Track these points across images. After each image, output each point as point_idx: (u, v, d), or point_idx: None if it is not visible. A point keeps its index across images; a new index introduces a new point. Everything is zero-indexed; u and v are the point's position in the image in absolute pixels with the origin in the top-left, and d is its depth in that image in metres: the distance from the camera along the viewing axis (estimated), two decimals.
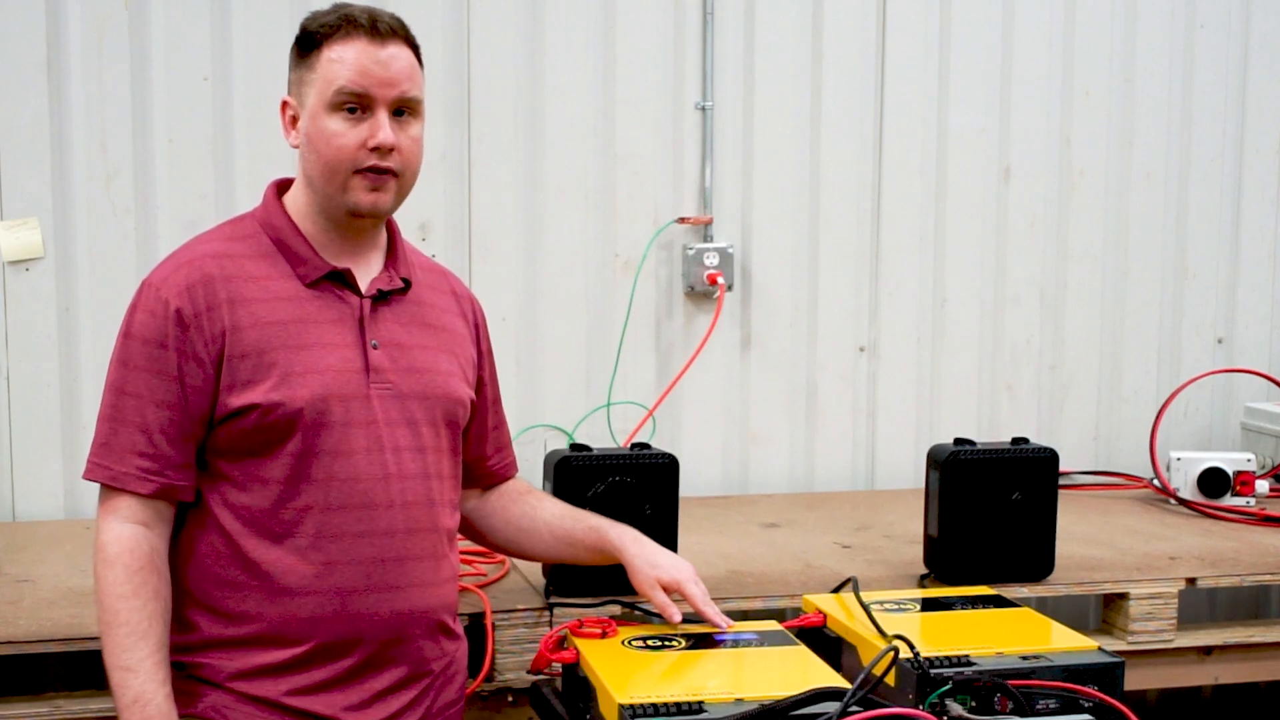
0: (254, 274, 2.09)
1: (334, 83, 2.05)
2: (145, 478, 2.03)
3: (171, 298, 2.04)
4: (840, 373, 3.89)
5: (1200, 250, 4.13)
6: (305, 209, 2.15)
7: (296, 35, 2.12)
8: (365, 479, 2.08)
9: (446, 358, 2.21)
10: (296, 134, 2.12)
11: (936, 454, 2.87)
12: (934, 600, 2.47)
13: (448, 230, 3.57)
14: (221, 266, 2.07)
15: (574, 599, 2.70)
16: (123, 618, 1.98)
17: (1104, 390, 4.09)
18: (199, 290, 2.05)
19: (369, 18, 2.08)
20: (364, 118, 2.06)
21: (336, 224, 2.14)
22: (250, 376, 2.03)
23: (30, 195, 3.31)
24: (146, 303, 2.05)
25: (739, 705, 1.89)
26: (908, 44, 3.86)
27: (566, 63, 3.63)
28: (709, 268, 3.70)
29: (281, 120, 2.15)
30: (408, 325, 2.17)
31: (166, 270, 2.08)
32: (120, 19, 3.33)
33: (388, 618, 2.10)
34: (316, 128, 2.08)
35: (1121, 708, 2.00)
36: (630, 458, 2.74)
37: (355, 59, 2.05)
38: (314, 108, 2.07)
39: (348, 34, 2.06)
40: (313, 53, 2.08)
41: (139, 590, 1.99)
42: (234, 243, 2.12)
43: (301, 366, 2.05)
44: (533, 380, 3.66)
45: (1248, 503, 3.53)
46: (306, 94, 2.09)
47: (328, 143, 2.07)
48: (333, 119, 2.06)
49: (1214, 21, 4.08)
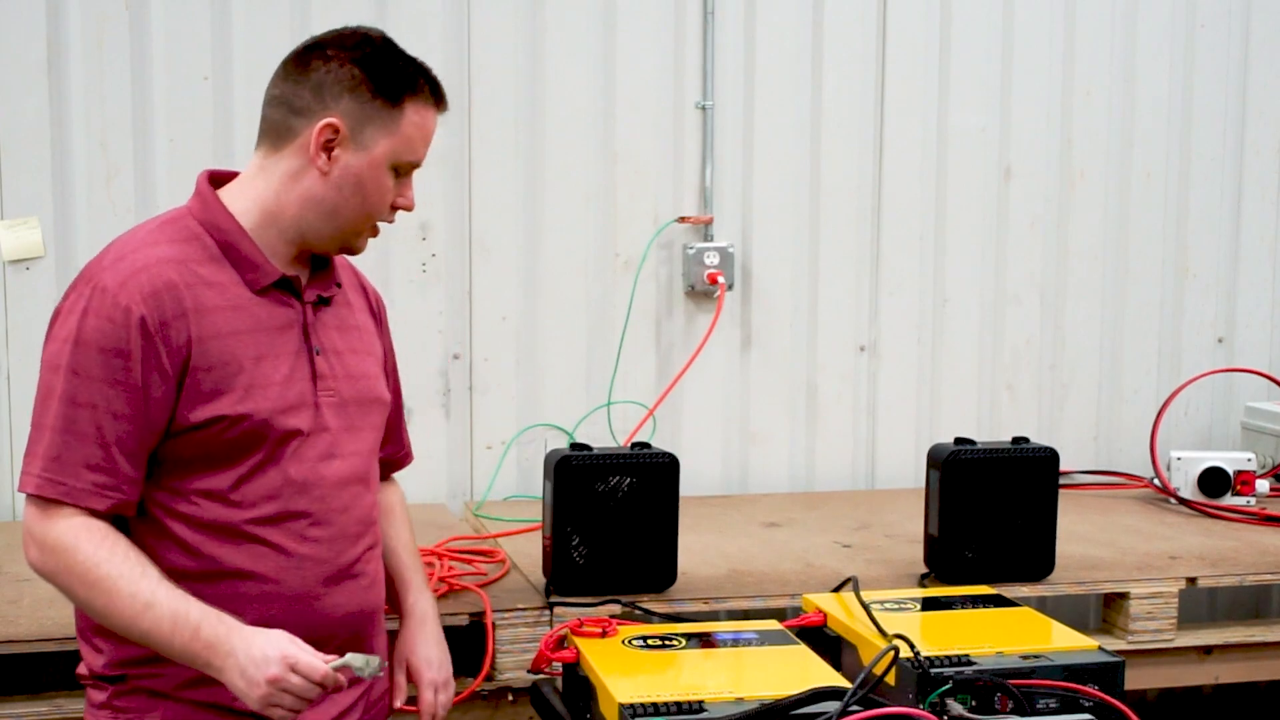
0: (209, 280, 2.00)
1: (410, 148, 2.04)
2: (101, 494, 1.93)
3: (134, 305, 1.92)
4: (840, 372, 3.88)
5: (1200, 250, 4.13)
6: (258, 214, 2.04)
7: (369, 65, 2.02)
8: (321, 486, 2.06)
9: (372, 360, 2.19)
10: (331, 161, 2.02)
11: (937, 453, 2.87)
12: (934, 600, 2.46)
13: (448, 230, 3.57)
14: (180, 272, 1.97)
15: (574, 599, 2.71)
16: (114, 573, 1.89)
17: (1104, 390, 4.08)
18: (164, 298, 1.94)
19: (437, 85, 2.07)
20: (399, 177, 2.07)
21: (296, 242, 2.07)
22: (214, 388, 1.96)
23: (30, 195, 3.31)
24: (102, 308, 1.93)
25: (739, 705, 1.89)
26: (908, 44, 3.86)
27: (567, 62, 3.63)
28: (709, 267, 3.70)
29: (310, 138, 2.01)
30: (339, 330, 2.13)
31: (122, 274, 1.95)
32: (120, 19, 3.34)
33: (344, 618, 2.09)
34: (373, 177, 2.03)
35: (1122, 707, 2.00)
36: (631, 457, 2.74)
37: (428, 130, 2.06)
38: (379, 157, 2.02)
39: (425, 101, 2.05)
40: (395, 105, 2.02)
41: (114, 548, 1.91)
42: (183, 246, 2.01)
43: (262, 378, 2.00)
44: (533, 380, 3.66)
45: (1248, 502, 3.53)
46: (374, 138, 2.02)
47: (380, 196, 2.04)
48: (388, 176, 2.04)
49: (1214, 21, 4.07)
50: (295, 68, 2.06)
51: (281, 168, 2.04)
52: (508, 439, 3.64)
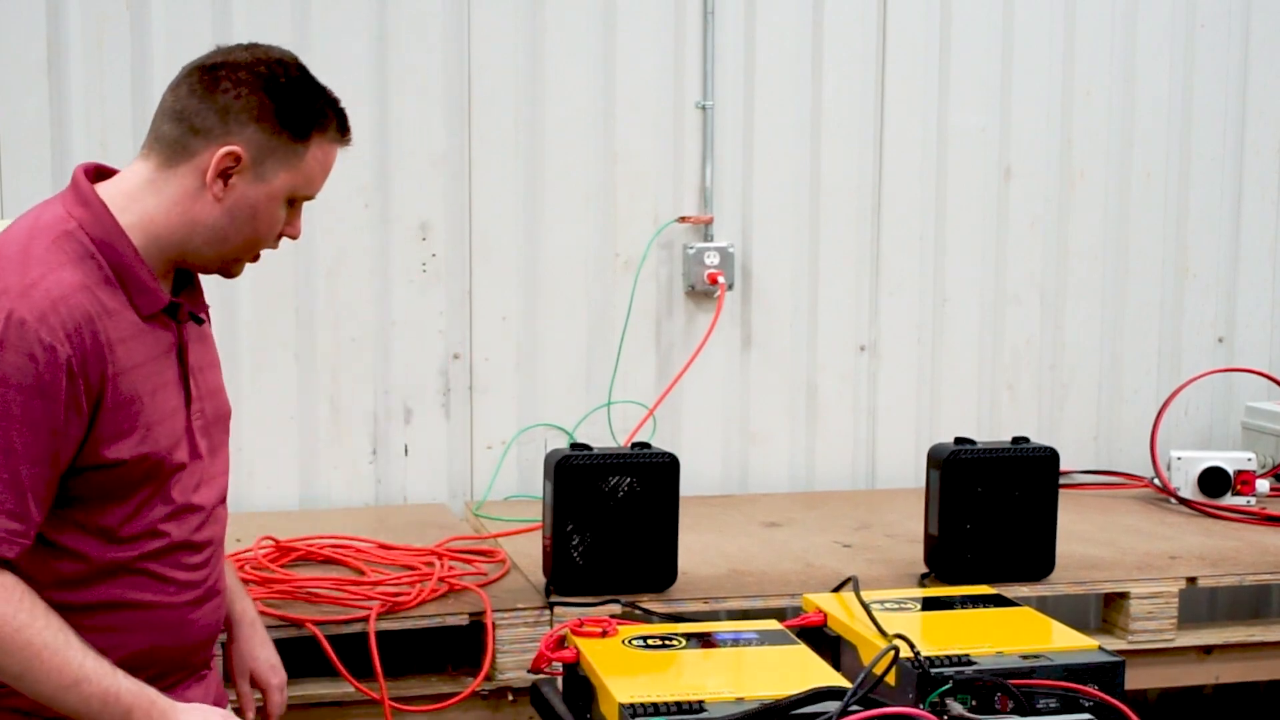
0: (109, 308, 1.89)
1: (309, 185, 2.01)
2: (12, 540, 1.82)
3: (58, 344, 1.81)
4: (841, 372, 3.89)
5: (1200, 250, 4.13)
6: (144, 231, 1.94)
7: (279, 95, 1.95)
8: (197, 514, 2.03)
9: (219, 372, 2.15)
10: (227, 189, 1.95)
11: (937, 453, 2.87)
12: (934, 599, 2.46)
13: (448, 230, 3.57)
14: (90, 301, 1.86)
15: (574, 598, 2.71)
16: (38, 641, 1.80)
17: (1104, 389, 4.08)
18: (84, 333, 1.84)
19: (344, 117, 2.03)
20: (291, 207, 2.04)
21: (175, 260, 2.00)
22: (120, 427, 1.89)
23: (30, 195, 3.29)
24: (22, 344, 1.80)
25: (739, 705, 1.89)
26: (908, 44, 3.86)
27: (567, 62, 3.62)
28: (709, 267, 3.70)
29: (207, 162, 1.93)
30: (199, 342, 2.08)
31: (38, 305, 1.81)
32: (120, 19, 3.34)
33: (209, 634, 2.09)
34: (268, 209, 1.98)
35: (1122, 707, 2.00)
36: (631, 457, 2.74)
37: (329, 165, 2.03)
38: (277, 190, 1.97)
39: (332, 136, 2.01)
40: (301, 140, 1.97)
41: (34, 610, 1.82)
42: (83, 268, 1.88)
43: (158, 414, 1.95)
44: (533, 379, 3.66)
45: (1248, 502, 3.53)
46: (274, 170, 1.96)
47: (270, 227, 2.01)
48: (283, 208, 2.00)
49: (1214, 21, 4.07)
50: (201, 84, 1.95)
51: (173, 186, 1.95)
52: (508, 439, 3.65)
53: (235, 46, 2.01)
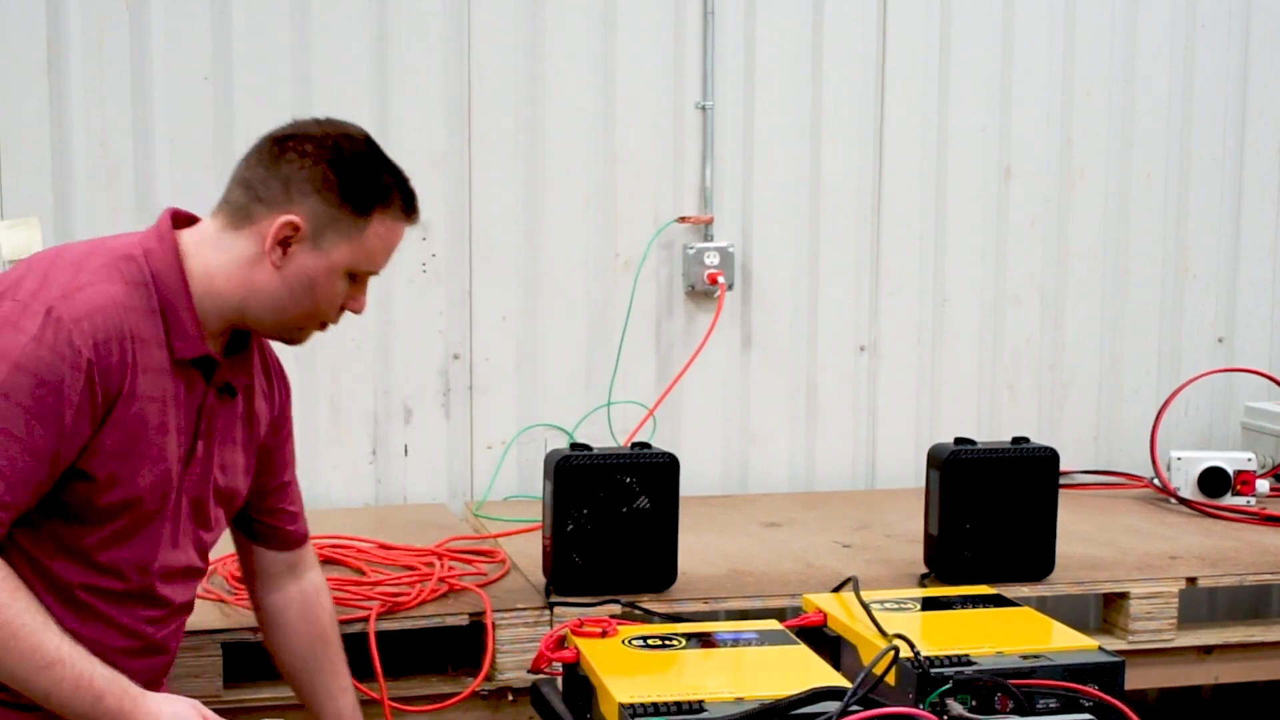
0: (144, 336, 1.93)
1: (371, 261, 2.02)
2: None
3: (84, 347, 1.85)
4: (840, 372, 3.88)
5: (1200, 250, 4.13)
6: (204, 282, 1.98)
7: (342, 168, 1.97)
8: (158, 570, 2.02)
9: (244, 455, 2.13)
10: (286, 257, 1.97)
11: (937, 453, 2.87)
12: (934, 599, 2.46)
13: (448, 230, 3.57)
14: (127, 321, 1.91)
15: (574, 599, 2.71)
16: (16, 621, 1.82)
17: (1104, 390, 4.08)
18: (113, 346, 1.88)
19: (412, 199, 2.04)
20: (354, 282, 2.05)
21: (233, 320, 2.02)
22: (117, 449, 1.91)
23: (30, 195, 3.31)
24: (50, 338, 1.84)
25: (739, 705, 1.89)
26: (908, 44, 3.86)
27: (567, 62, 3.62)
28: (709, 267, 3.70)
29: (267, 230, 1.96)
30: (228, 415, 2.09)
31: (77, 309, 1.87)
32: (120, 19, 3.33)
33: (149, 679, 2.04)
34: (327, 281, 2.00)
35: (1122, 707, 2.00)
36: (631, 457, 2.74)
37: (392, 243, 2.03)
38: (336, 262, 1.99)
39: (395, 213, 2.02)
40: (362, 215, 1.98)
41: (15, 592, 1.84)
42: (133, 291, 1.93)
43: (155, 453, 1.95)
44: (533, 379, 3.66)
45: (1248, 502, 3.53)
46: (334, 243, 1.98)
47: (329, 300, 2.02)
48: (342, 281, 2.01)
49: (1214, 21, 4.07)
50: (269, 153, 2.00)
51: (236, 249, 1.99)
52: (508, 439, 3.64)
53: (309, 119, 2.06)
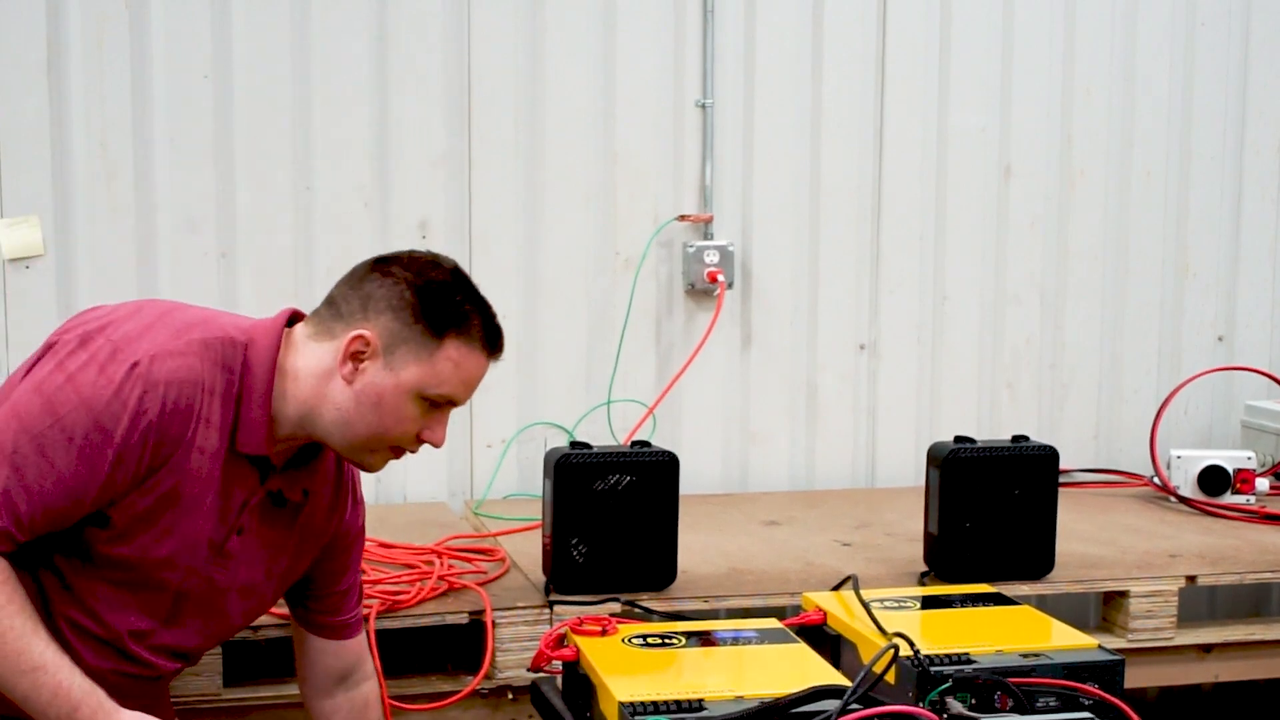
0: (209, 418, 1.95)
1: (442, 385, 2.02)
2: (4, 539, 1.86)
3: (152, 409, 1.88)
4: (840, 371, 3.89)
5: (1200, 249, 4.13)
6: (288, 383, 2.01)
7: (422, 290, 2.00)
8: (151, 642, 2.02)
9: (285, 565, 2.13)
10: (357, 372, 1.99)
11: (937, 452, 2.87)
12: (934, 598, 2.47)
13: (448, 229, 3.57)
14: (199, 400, 1.93)
15: (574, 597, 2.71)
16: (5, 624, 1.83)
17: (1104, 388, 4.08)
18: (176, 418, 1.90)
19: (496, 334, 2.05)
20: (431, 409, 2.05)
21: (307, 429, 2.03)
22: (143, 513, 1.94)
23: (30, 194, 3.31)
24: (125, 392, 1.87)
25: (739, 703, 1.90)
26: (908, 44, 3.86)
27: (566, 61, 3.63)
28: (709, 265, 3.70)
29: (342, 344, 1.99)
30: (275, 523, 2.09)
31: (160, 371, 1.90)
32: (120, 19, 3.33)
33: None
34: (395, 401, 2.00)
35: (1122, 706, 2.01)
36: (630, 455, 2.74)
37: (468, 373, 2.04)
38: (406, 384, 2.00)
39: (472, 343, 2.02)
40: (436, 336, 2.00)
41: (12, 596, 1.85)
42: (216, 374, 1.96)
43: (180, 531, 1.97)
44: (533, 378, 3.66)
45: (1248, 500, 3.53)
46: (404, 362, 1.99)
47: (397, 422, 2.02)
48: (414, 405, 2.02)
49: (1214, 21, 4.07)
50: (359, 274, 2.06)
51: (316, 359, 2.02)
52: (508, 437, 3.65)
53: (406, 250, 2.11)
